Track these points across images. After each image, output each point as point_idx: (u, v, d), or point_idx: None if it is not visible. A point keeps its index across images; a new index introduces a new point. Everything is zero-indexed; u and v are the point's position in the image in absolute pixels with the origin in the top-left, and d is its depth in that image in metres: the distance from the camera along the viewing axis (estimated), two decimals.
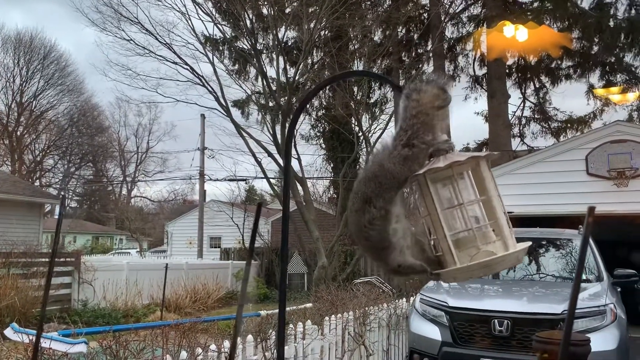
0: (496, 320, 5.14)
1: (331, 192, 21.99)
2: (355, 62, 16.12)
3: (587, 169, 10.07)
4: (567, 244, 6.79)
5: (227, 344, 3.65)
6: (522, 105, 19.74)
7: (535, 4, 17.64)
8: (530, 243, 1.40)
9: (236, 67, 17.52)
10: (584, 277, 6.09)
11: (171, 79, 15.81)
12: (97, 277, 11.54)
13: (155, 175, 46.56)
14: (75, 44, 62.81)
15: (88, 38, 60.32)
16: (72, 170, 45.14)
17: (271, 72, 15.45)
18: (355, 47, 16.83)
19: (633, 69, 17.09)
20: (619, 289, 6.17)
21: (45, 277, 10.02)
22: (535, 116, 19.74)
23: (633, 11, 16.54)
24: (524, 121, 19.87)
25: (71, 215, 41.16)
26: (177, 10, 15.04)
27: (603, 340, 4.76)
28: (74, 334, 3.91)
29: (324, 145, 20.28)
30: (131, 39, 15.13)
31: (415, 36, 19.19)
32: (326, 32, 15.66)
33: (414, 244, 1.41)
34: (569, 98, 26.60)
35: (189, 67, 14.95)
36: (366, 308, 5.66)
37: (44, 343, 3.12)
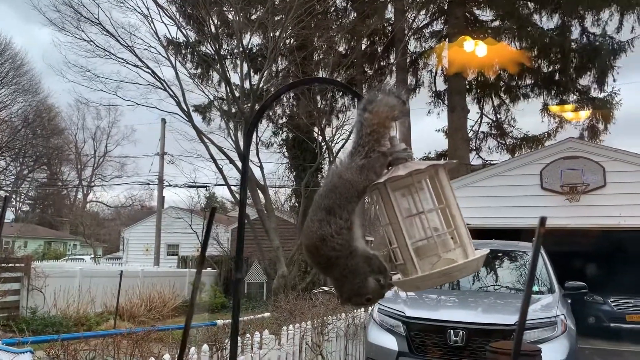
0: (452, 331, 5.21)
1: (293, 200, 21.95)
2: (320, 71, 16.20)
3: (542, 183, 10.38)
4: (521, 256, 6.96)
5: None
6: (479, 120, 20.24)
7: (496, 22, 18.17)
8: (488, 250, 1.42)
9: (199, 71, 17.34)
10: (536, 288, 6.25)
11: (132, 82, 15.52)
12: (48, 283, 11.13)
13: (113, 180, 45.38)
14: (31, 43, 60.94)
15: (45, 37, 58.43)
16: (25, 173, 43.60)
17: (235, 78, 15.36)
18: (320, 57, 16.91)
19: (585, 90, 17.80)
20: (569, 301, 6.37)
21: None
22: (492, 132, 20.26)
23: (584, 38, 17.28)
24: (481, 136, 20.37)
25: (22, 219, 39.69)
26: (140, 13, 14.76)
27: (553, 351, 4.88)
28: (19, 342, 3.75)
29: (286, 154, 20.26)
30: (91, 40, 14.78)
31: (379, 49, 19.45)
32: (291, 41, 15.68)
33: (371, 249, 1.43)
34: (526, 115, 27.49)
35: (150, 71, 14.70)
36: (325, 318, 5.65)
37: None
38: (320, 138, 15.95)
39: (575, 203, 10.08)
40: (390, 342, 5.52)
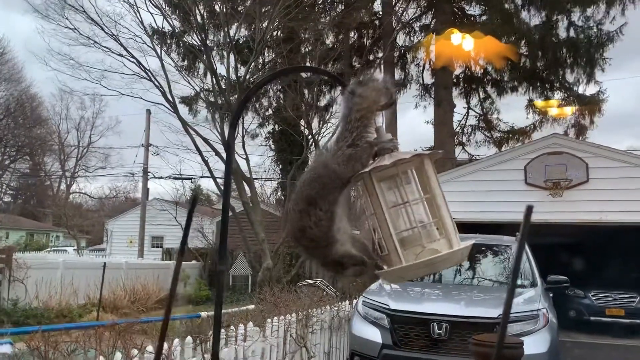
0: (435, 324, 5.25)
1: (279, 193, 21.92)
2: (307, 64, 16.13)
3: (526, 178, 10.47)
4: (505, 250, 7.03)
5: (165, 345, 3.54)
6: (466, 114, 20.33)
7: (484, 17, 18.21)
8: (473, 241, 1.42)
9: (185, 62, 17.18)
10: (519, 282, 6.31)
11: (116, 71, 15.30)
12: (30, 275, 11.02)
13: (97, 171, 44.89)
14: (13, 30, 59.83)
15: (27, 25, 57.43)
16: (7, 163, 42.96)
17: (221, 69, 15.25)
18: (307, 49, 16.84)
19: (570, 87, 17.93)
20: (551, 294, 6.44)
21: None
22: (480, 125, 20.35)
23: (572, 31, 17.36)
24: (468, 130, 20.46)
25: (4, 210, 39.13)
26: (125, 1, 14.54)
27: (535, 344, 4.94)
28: None
29: (273, 146, 20.17)
30: (75, 28, 14.58)
31: (367, 42, 19.41)
32: (278, 33, 15.59)
33: (354, 240, 1.41)
34: (512, 110, 27.67)
35: (135, 60, 14.53)
36: (309, 310, 5.65)
37: None
38: (307, 131, 15.92)
39: (558, 198, 10.19)
40: (374, 335, 5.55)
